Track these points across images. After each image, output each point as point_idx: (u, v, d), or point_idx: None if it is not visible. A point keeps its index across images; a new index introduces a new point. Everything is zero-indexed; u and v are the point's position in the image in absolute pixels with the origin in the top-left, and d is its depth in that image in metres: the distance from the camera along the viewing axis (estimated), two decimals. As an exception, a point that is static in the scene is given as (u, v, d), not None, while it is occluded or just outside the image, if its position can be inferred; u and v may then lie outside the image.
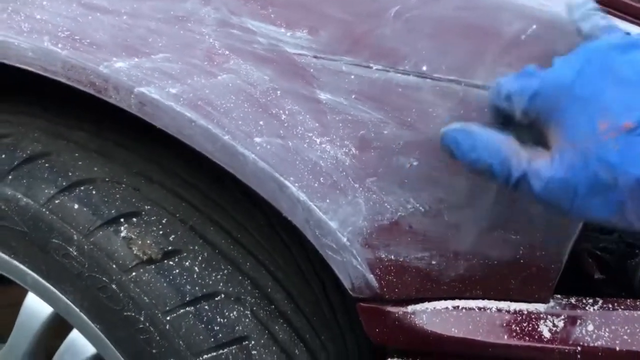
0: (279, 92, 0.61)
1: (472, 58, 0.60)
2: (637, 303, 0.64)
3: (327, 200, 0.60)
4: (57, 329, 0.79)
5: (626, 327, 0.62)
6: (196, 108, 0.60)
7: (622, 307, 0.63)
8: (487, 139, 0.54)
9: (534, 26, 0.61)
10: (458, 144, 0.54)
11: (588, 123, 0.49)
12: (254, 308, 0.70)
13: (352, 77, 0.60)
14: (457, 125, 0.56)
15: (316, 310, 0.78)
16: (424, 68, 0.60)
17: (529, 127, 0.57)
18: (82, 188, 0.70)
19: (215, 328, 0.66)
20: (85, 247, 0.68)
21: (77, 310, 0.70)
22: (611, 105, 0.48)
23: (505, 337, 0.62)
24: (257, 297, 0.71)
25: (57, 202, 0.69)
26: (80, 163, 0.73)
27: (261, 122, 0.60)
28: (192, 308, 0.66)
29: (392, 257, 0.61)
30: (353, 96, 0.60)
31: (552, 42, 0.60)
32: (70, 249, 0.68)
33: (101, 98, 0.63)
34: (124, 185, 0.72)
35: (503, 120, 0.58)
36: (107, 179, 0.72)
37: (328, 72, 0.61)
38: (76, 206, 0.69)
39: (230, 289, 0.69)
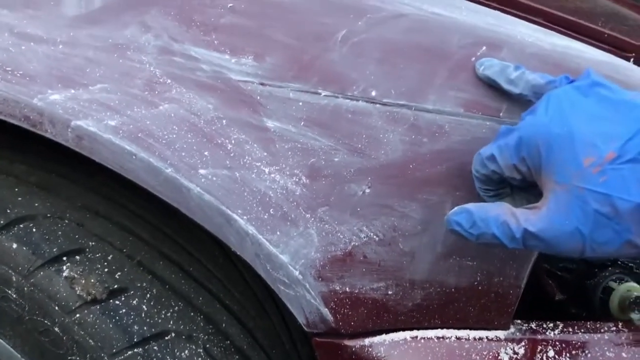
0: (224, 121, 0.59)
1: (421, 82, 0.59)
2: (597, 325, 0.63)
3: (278, 233, 0.58)
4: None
5: (587, 352, 0.60)
6: (136, 140, 0.57)
7: (582, 330, 0.62)
8: (483, 212, 0.54)
9: (484, 47, 0.61)
10: (460, 225, 0.55)
11: (573, 161, 0.49)
12: (207, 345, 0.66)
13: (300, 103, 0.59)
14: (456, 209, 0.56)
15: (275, 343, 0.75)
16: (373, 93, 0.59)
17: (519, 190, 0.58)
18: (21, 226, 0.66)
19: (166, 369, 0.63)
20: (25, 288, 0.64)
21: (19, 355, 0.66)
22: (591, 140, 0.49)
23: (466, 366, 0.60)
24: (210, 333, 0.68)
25: (-6, 241, 0.65)
26: (20, 199, 0.69)
27: (206, 153, 0.58)
28: (141, 349, 0.63)
29: (347, 289, 0.59)
30: (302, 123, 0.58)
31: (502, 63, 0.59)
32: (9, 292, 0.64)
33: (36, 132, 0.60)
34: (66, 221, 0.68)
35: (494, 192, 0.58)
36: (48, 215, 0.68)
37: (275, 99, 0.59)
38: (15, 245, 0.65)
39: (182, 327, 0.66)
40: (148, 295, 0.66)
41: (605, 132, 0.49)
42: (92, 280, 0.64)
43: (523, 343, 0.61)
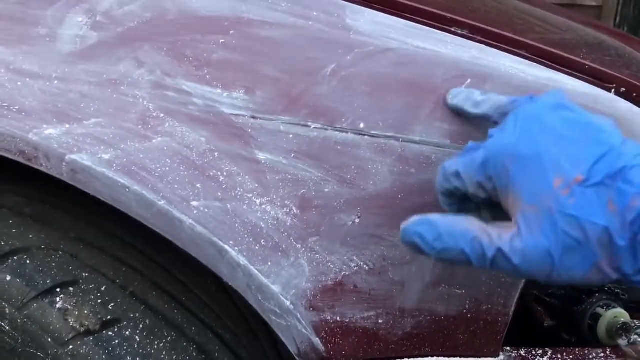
0: (216, 153, 0.60)
1: (408, 114, 0.61)
2: (586, 351, 0.64)
3: (269, 263, 0.59)
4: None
5: (575, 378, 0.61)
6: (130, 173, 0.58)
7: (571, 356, 0.63)
8: (450, 225, 0.52)
9: (469, 80, 0.62)
10: (422, 237, 0.52)
11: (543, 182, 0.49)
12: (200, 375, 0.67)
13: (291, 136, 0.60)
14: (415, 218, 0.54)
15: (267, 372, 0.76)
16: (362, 125, 0.60)
17: (485, 206, 0.57)
18: (15, 258, 0.67)
19: (159, 400, 0.63)
20: (19, 321, 0.64)
21: (11, 388, 0.67)
22: (560, 161, 0.49)
23: (456, 394, 0.61)
24: (203, 363, 0.68)
25: (-12, 274, 0.66)
26: (14, 231, 0.69)
27: (198, 185, 0.59)
28: (133, 380, 0.63)
29: (338, 318, 0.60)
30: (292, 155, 0.60)
31: (486, 95, 0.60)
32: (3, 324, 0.65)
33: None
34: (60, 253, 0.69)
35: (457, 206, 0.57)
36: (42, 247, 0.69)
37: (266, 132, 0.60)
38: (9, 278, 0.65)
39: (174, 357, 0.66)
40: (141, 326, 0.66)
41: (573, 154, 0.49)
42: (86, 312, 0.65)
43: (512, 370, 0.62)
